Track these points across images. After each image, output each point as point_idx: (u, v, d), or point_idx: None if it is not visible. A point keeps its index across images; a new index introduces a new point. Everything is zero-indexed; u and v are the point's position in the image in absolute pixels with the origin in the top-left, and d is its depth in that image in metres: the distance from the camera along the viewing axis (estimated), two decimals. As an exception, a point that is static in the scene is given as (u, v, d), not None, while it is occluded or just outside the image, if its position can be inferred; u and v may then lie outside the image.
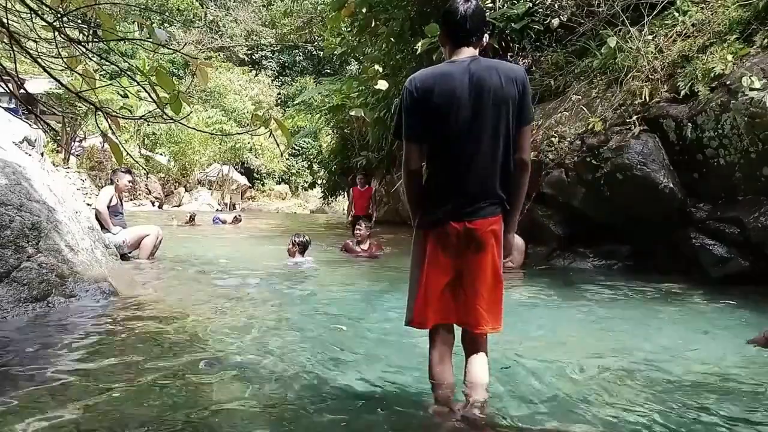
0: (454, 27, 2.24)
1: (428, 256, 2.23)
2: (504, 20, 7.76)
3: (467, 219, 2.16)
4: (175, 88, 2.30)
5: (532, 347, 3.24)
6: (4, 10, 2.27)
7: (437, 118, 2.15)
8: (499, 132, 2.14)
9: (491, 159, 2.16)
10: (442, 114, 2.14)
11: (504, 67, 2.19)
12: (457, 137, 2.15)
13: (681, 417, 2.27)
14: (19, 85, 2.51)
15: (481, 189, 2.17)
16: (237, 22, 39.71)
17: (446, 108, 2.13)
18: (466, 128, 2.14)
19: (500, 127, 2.14)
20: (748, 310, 4.37)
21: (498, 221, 2.21)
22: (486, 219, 2.17)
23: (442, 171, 2.20)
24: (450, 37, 2.27)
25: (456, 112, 2.13)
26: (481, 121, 2.13)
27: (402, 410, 2.26)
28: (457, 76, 2.15)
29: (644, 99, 5.79)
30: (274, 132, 2.59)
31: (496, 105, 2.12)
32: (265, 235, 12.43)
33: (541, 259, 6.94)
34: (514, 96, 2.14)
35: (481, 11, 2.27)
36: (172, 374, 2.53)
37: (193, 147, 27.64)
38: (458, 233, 2.16)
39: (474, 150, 2.15)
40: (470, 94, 2.12)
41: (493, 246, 2.19)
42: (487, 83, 2.12)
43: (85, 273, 4.03)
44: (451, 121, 2.14)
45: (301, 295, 4.92)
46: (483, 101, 2.12)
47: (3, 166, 4.10)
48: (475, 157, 2.15)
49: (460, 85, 2.13)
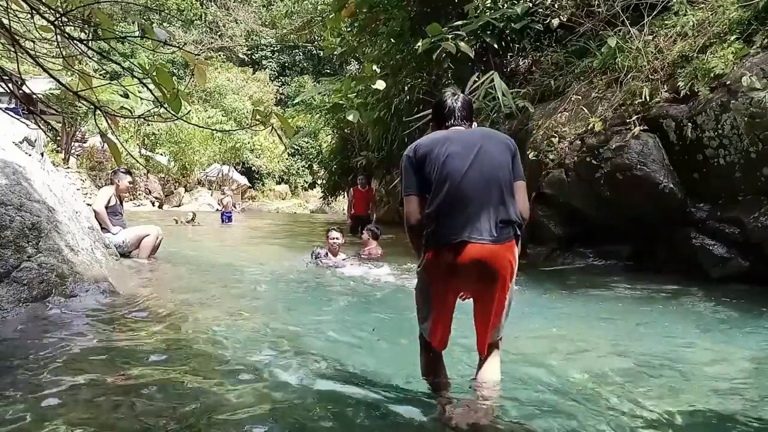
0: (444, 118, 2.42)
1: (434, 285, 2.27)
2: (504, 20, 7.74)
3: (479, 242, 2.16)
4: (174, 87, 2.30)
5: (532, 347, 3.24)
6: (4, 10, 2.27)
7: (436, 170, 2.22)
8: (498, 178, 2.21)
9: (492, 191, 2.20)
10: (441, 163, 2.22)
11: (496, 134, 2.40)
12: (456, 179, 2.19)
13: (682, 417, 2.27)
14: (19, 85, 2.51)
15: (487, 215, 2.18)
16: (237, 22, 39.69)
17: (444, 157, 2.22)
18: (464, 171, 2.20)
19: (498, 174, 2.22)
20: (748, 310, 4.37)
21: (512, 247, 2.21)
22: (502, 244, 2.18)
23: (445, 207, 2.20)
24: (439, 124, 2.44)
25: (453, 160, 2.22)
26: (479, 168, 2.21)
27: (405, 413, 2.26)
28: (453, 135, 2.32)
29: (644, 99, 5.79)
30: (276, 128, 2.59)
31: (492, 158, 2.24)
32: (265, 235, 12.43)
33: (541, 259, 6.93)
34: (507, 157, 2.27)
35: (469, 103, 2.47)
36: (172, 374, 2.53)
37: (193, 147, 27.59)
38: (468, 257, 2.16)
39: (474, 187, 2.19)
40: (467, 148, 2.24)
41: (507, 275, 2.21)
42: (483, 143, 2.26)
43: (85, 273, 4.03)
44: (449, 167, 2.21)
45: (303, 294, 4.92)
46: (479, 155, 2.22)
47: (3, 166, 4.10)
48: (476, 192, 2.19)
49: (457, 141, 2.27)
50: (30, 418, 1.99)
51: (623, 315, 4.29)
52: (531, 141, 6.82)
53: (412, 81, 9.57)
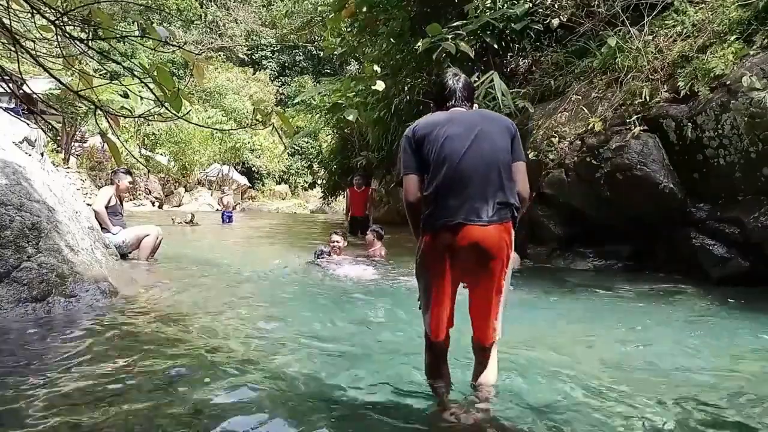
0: (444, 99, 2.40)
1: (432, 269, 2.23)
2: (504, 20, 7.75)
3: (476, 224, 2.13)
4: (175, 86, 2.30)
5: (531, 347, 3.24)
6: (5, 9, 2.27)
7: (434, 151, 2.20)
8: (497, 160, 2.19)
9: (491, 173, 2.18)
10: (440, 145, 2.20)
11: (497, 116, 2.39)
12: (455, 160, 2.18)
13: (681, 417, 2.27)
14: (19, 85, 2.51)
15: (484, 197, 2.16)
16: (237, 22, 39.70)
17: (443, 139, 2.21)
18: (463, 152, 2.18)
19: (498, 156, 2.20)
20: (748, 310, 4.37)
21: (509, 228, 2.19)
22: (498, 224, 2.15)
23: (443, 189, 2.18)
24: (440, 105, 2.42)
25: (453, 142, 2.19)
26: (478, 150, 2.19)
27: (407, 414, 2.26)
28: (453, 116, 2.31)
29: (644, 99, 5.79)
30: (277, 127, 2.59)
31: (492, 140, 2.22)
32: (265, 235, 12.42)
33: (541, 259, 6.94)
34: (506, 139, 2.25)
35: (470, 84, 2.45)
36: (171, 374, 2.53)
37: (193, 147, 27.59)
38: (466, 238, 2.13)
39: (472, 169, 2.17)
40: (467, 130, 2.22)
41: (504, 257, 2.18)
42: (483, 125, 2.25)
43: (85, 273, 4.03)
44: (448, 149, 2.19)
45: (303, 294, 4.92)
46: (478, 137, 2.21)
47: (3, 166, 4.10)
48: (475, 174, 2.17)
49: (457, 122, 2.26)
50: (30, 417, 1.99)
51: (623, 315, 4.29)
52: (531, 141, 6.82)
53: (412, 81, 9.57)
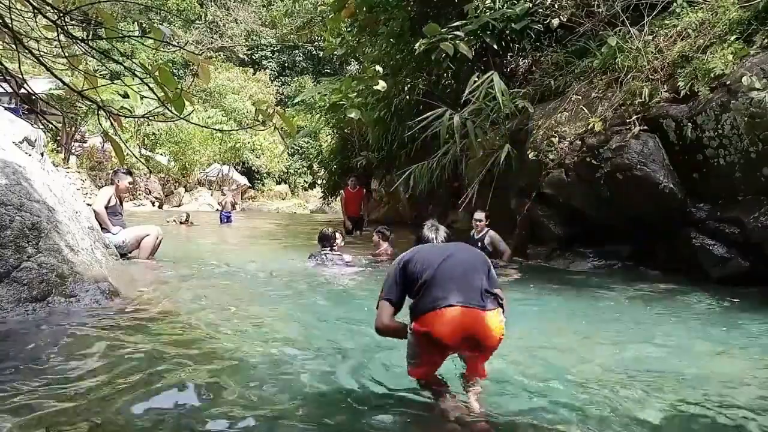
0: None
1: (422, 348, 2.35)
2: (504, 20, 7.75)
3: (466, 306, 2.25)
4: (177, 87, 2.30)
5: (531, 347, 3.24)
6: (7, 9, 2.27)
7: (417, 267, 2.40)
8: (476, 267, 2.40)
9: (472, 275, 2.36)
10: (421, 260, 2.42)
11: (472, 248, 2.69)
12: (435, 266, 2.37)
13: (681, 416, 2.28)
14: (20, 84, 2.51)
15: (471, 288, 2.31)
16: (237, 22, 39.69)
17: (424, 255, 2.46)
18: (441, 262, 2.38)
19: (476, 265, 2.42)
20: (748, 310, 4.38)
21: (499, 314, 2.33)
22: (490, 311, 2.28)
23: (431, 283, 2.33)
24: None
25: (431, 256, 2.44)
26: (453, 261, 2.40)
27: (407, 412, 2.27)
28: (430, 246, 2.61)
29: (644, 99, 5.79)
30: (277, 127, 2.59)
31: (467, 258, 2.46)
32: (264, 234, 12.43)
33: (541, 259, 6.94)
34: (482, 261, 2.48)
35: (447, 234, 2.75)
36: (171, 374, 2.53)
37: (193, 147, 27.61)
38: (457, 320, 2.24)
39: (454, 271, 2.35)
40: (442, 251, 2.48)
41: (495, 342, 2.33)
42: (456, 251, 2.49)
43: (85, 273, 4.03)
44: (428, 262, 2.40)
45: (302, 293, 4.92)
46: (454, 254, 2.44)
47: (3, 166, 4.09)
48: (457, 275, 2.34)
49: (433, 248, 2.56)
50: (30, 417, 1.99)
51: (623, 315, 4.30)
52: (531, 141, 6.82)
53: (412, 81, 9.57)
